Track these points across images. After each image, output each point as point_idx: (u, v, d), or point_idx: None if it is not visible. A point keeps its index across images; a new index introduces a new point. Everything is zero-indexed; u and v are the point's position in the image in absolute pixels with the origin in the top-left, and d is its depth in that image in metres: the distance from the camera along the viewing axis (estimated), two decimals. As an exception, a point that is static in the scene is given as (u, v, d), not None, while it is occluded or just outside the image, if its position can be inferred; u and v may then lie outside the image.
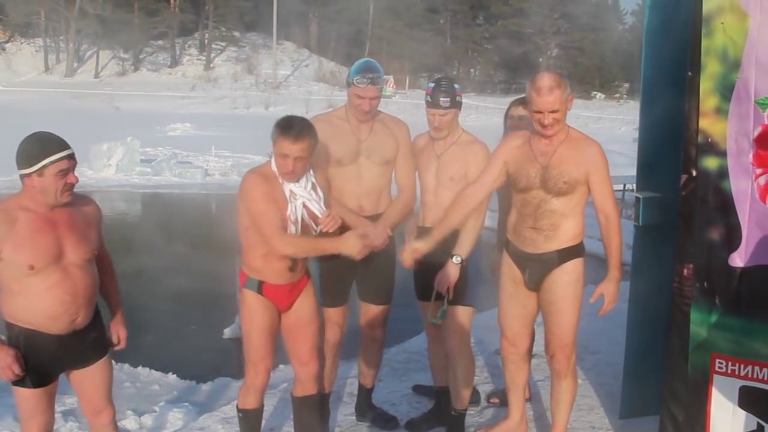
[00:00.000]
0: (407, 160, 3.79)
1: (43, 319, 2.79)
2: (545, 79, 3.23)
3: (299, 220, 3.20)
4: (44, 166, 2.69)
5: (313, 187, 3.26)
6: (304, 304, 3.40)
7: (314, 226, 3.24)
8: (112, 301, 3.18)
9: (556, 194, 3.32)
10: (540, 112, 3.25)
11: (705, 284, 3.02)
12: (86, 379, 3.01)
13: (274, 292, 3.30)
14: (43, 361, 2.83)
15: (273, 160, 3.20)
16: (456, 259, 3.53)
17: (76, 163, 2.80)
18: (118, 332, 3.17)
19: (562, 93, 3.24)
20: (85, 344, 2.94)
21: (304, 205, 3.21)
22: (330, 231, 3.21)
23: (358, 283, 3.84)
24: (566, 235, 3.37)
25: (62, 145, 2.75)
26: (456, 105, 3.61)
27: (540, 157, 3.36)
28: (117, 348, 3.20)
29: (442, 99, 3.56)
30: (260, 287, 3.29)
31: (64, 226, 2.81)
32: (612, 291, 3.34)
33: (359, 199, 3.67)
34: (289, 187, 3.20)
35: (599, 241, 3.37)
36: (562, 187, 3.30)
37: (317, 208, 3.23)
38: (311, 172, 3.27)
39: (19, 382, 2.82)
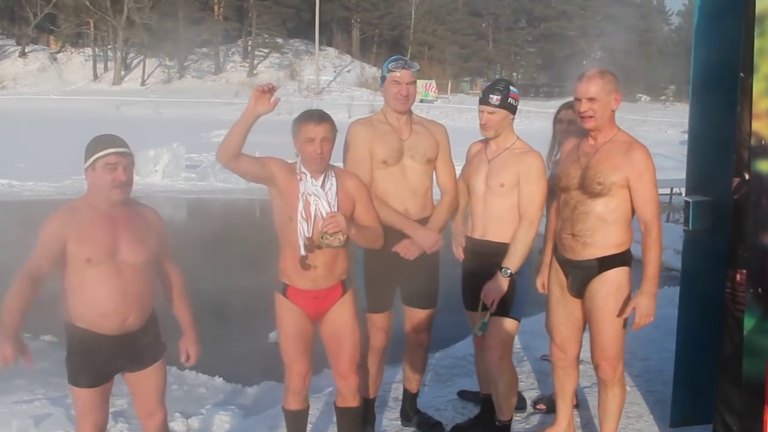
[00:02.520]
0: (447, 161, 3.82)
1: (95, 316, 2.87)
2: (591, 70, 3.32)
3: (312, 216, 3.19)
4: (95, 161, 2.87)
5: (331, 186, 3.23)
6: (340, 316, 3.35)
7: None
8: (183, 320, 3.24)
9: (591, 195, 3.28)
10: (579, 99, 3.28)
11: (759, 290, 2.95)
12: (139, 382, 3.09)
13: (298, 297, 3.30)
14: (98, 362, 2.93)
15: (299, 160, 3.24)
16: (505, 272, 3.47)
17: (127, 162, 2.91)
18: (188, 350, 3.22)
19: (604, 84, 3.24)
20: (138, 347, 3.01)
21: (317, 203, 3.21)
22: (330, 231, 3.12)
23: (402, 288, 3.83)
24: (606, 242, 3.30)
25: (116, 142, 2.93)
26: (507, 106, 3.53)
27: (582, 157, 3.35)
28: (187, 364, 3.26)
29: (492, 96, 3.52)
30: (285, 290, 3.32)
31: (122, 224, 2.93)
32: (644, 305, 3.22)
33: (405, 201, 3.66)
34: (304, 184, 3.20)
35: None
36: (596, 188, 3.25)
37: (324, 208, 3.19)
38: (332, 171, 3.27)
39: (73, 381, 2.93)
